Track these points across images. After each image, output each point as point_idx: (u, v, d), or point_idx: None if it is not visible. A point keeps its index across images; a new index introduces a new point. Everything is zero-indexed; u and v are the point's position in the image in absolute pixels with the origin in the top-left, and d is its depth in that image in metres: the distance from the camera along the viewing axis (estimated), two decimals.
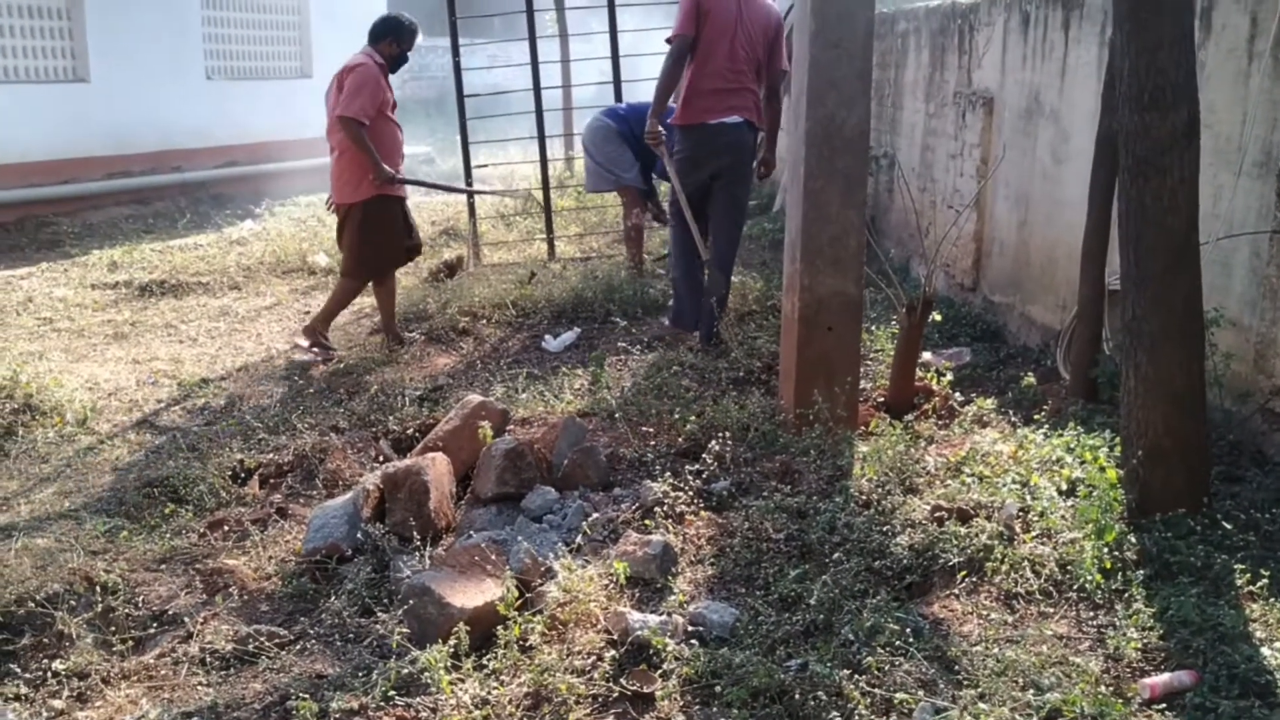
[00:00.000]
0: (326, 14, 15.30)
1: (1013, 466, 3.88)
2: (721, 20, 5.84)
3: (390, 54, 6.35)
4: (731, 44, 5.86)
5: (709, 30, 5.85)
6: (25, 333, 7.04)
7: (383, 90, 6.20)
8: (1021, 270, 5.99)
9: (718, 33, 5.84)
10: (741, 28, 5.87)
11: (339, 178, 6.27)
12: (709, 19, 5.83)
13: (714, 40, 5.85)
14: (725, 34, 5.84)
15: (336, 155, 6.25)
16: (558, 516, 3.78)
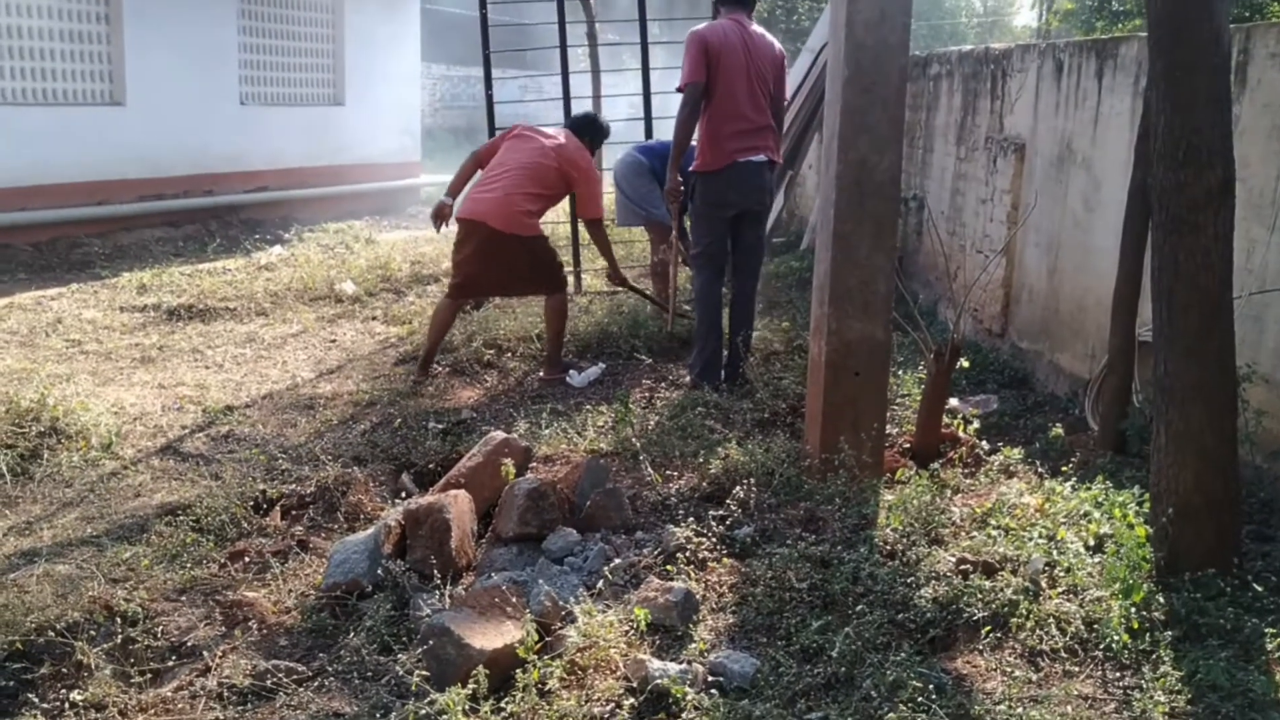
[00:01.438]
0: (361, 43, 15.46)
1: (1039, 519, 3.85)
2: (733, 61, 5.82)
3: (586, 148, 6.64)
4: (748, 83, 5.85)
5: (723, 73, 5.83)
6: (54, 354, 7.09)
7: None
8: (1051, 318, 5.96)
9: (732, 74, 5.83)
10: (752, 65, 5.86)
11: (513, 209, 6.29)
12: (720, 62, 5.82)
13: (730, 82, 5.83)
14: (740, 75, 5.83)
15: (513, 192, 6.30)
16: (579, 559, 3.76)
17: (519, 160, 6.38)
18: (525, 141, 6.49)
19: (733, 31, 5.87)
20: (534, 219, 6.41)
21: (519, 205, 6.28)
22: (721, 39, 5.83)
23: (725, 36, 5.84)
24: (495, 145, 6.61)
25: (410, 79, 17.00)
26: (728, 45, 5.82)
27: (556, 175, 6.40)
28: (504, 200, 6.26)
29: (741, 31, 5.89)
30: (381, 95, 15.81)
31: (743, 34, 5.88)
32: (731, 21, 5.94)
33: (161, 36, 12.10)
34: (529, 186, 6.33)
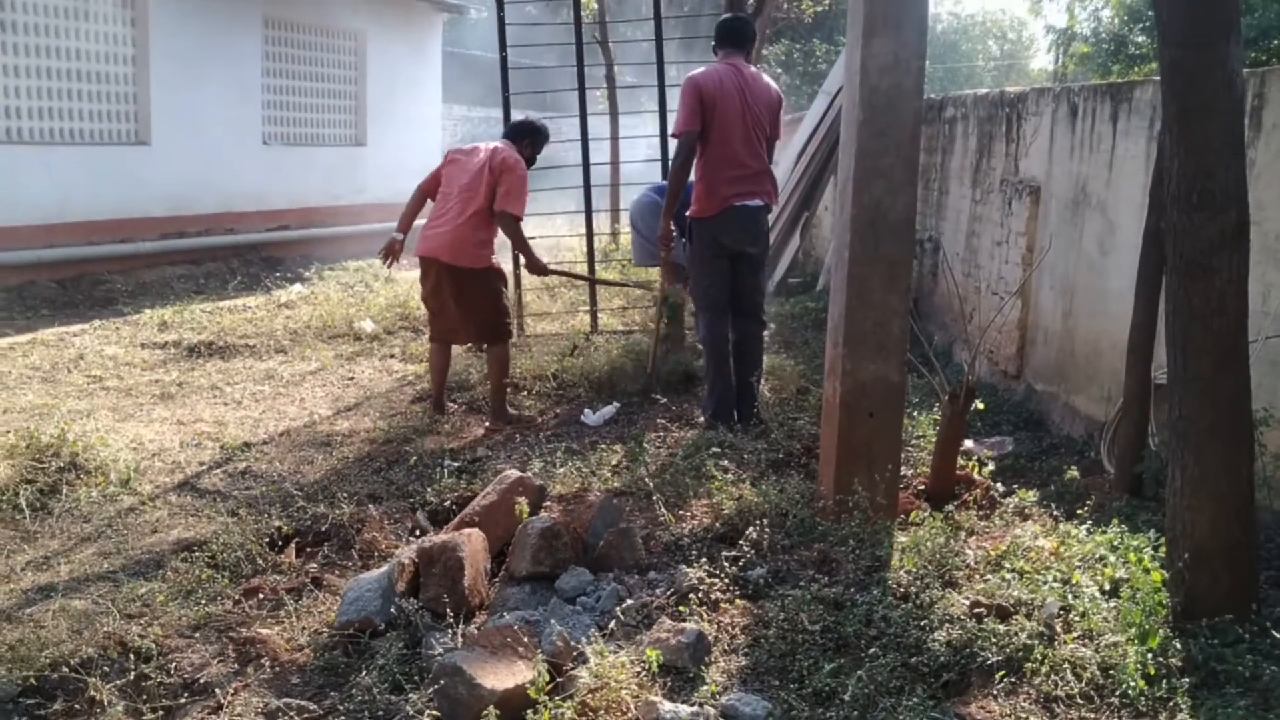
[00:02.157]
0: (383, 85, 15.66)
1: (1054, 563, 3.82)
2: (728, 107, 5.83)
3: (525, 155, 6.54)
4: (744, 129, 5.86)
5: (719, 120, 5.84)
6: (75, 390, 7.15)
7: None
8: (1066, 360, 5.95)
9: (728, 120, 5.84)
10: (749, 111, 5.87)
11: (463, 241, 6.29)
12: (716, 109, 5.83)
13: (726, 128, 5.84)
14: (736, 120, 5.84)
15: (460, 221, 6.29)
16: (591, 599, 3.75)
17: (459, 185, 6.36)
18: (461, 165, 6.44)
19: (729, 77, 5.89)
20: (485, 248, 6.37)
21: (467, 236, 6.27)
22: (717, 85, 5.84)
23: (721, 82, 5.86)
24: (437, 175, 6.56)
25: (431, 120, 17.18)
26: (723, 91, 5.83)
27: (488, 185, 6.31)
28: (454, 233, 6.27)
29: (738, 76, 5.91)
30: (403, 136, 15.97)
31: (739, 79, 5.90)
32: (728, 66, 5.96)
33: (186, 77, 12.28)
34: (471, 208, 6.28)
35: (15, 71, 10.73)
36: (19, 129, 10.82)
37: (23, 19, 10.77)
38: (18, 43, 10.76)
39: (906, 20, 4.35)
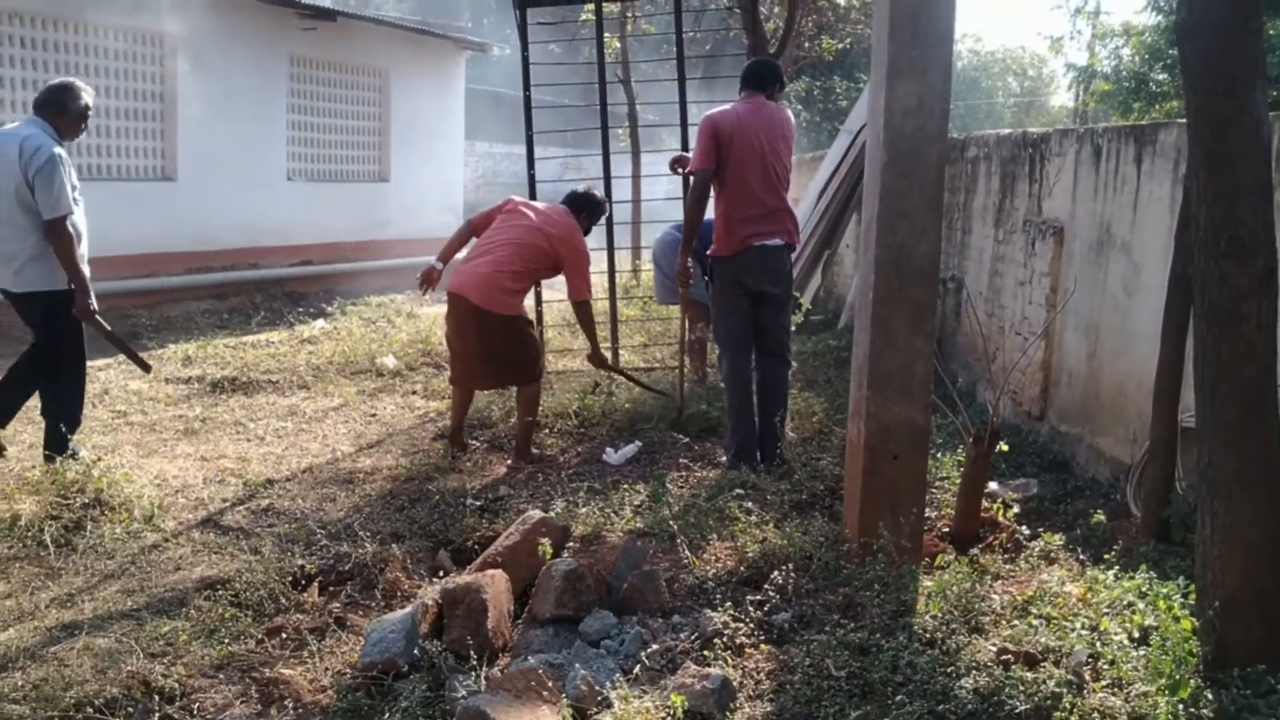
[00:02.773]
0: (407, 122, 15.81)
1: (1082, 609, 3.79)
2: (745, 144, 5.83)
3: (581, 227, 6.60)
4: (762, 165, 5.86)
5: (735, 157, 5.84)
6: (100, 425, 7.19)
7: None
8: (1091, 401, 5.92)
9: (745, 157, 5.84)
10: (768, 146, 5.88)
11: (495, 288, 6.22)
12: (732, 146, 5.83)
13: (742, 166, 5.84)
14: (753, 159, 5.85)
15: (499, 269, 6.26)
16: (615, 642, 3.74)
17: (510, 237, 6.35)
18: (518, 217, 6.45)
19: (747, 115, 5.91)
20: (516, 298, 6.33)
21: (502, 283, 6.22)
22: (734, 123, 5.86)
23: (739, 121, 5.87)
24: (490, 216, 6.58)
25: (454, 157, 17.32)
26: (740, 129, 5.85)
27: (546, 255, 6.35)
28: (488, 277, 6.22)
29: (757, 114, 5.92)
30: (426, 173, 16.11)
31: (758, 117, 5.91)
32: (747, 104, 5.99)
33: (213, 114, 12.42)
34: (515, 264, 6.27)
35: None
36: None
37: (53, 58, 10.94)
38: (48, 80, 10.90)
39: (931, 64, 4.37)
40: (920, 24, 4.33)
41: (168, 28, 11.93)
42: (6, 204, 5.83)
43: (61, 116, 6.00)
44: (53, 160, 5.77)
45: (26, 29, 10.68)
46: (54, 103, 5.99)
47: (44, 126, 5.92)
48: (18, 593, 4.54)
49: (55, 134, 5.95)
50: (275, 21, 13.18)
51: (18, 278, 5.95)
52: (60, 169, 5.79)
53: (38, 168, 5.72)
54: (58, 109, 5.99)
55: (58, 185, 5.78)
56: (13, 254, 5.92)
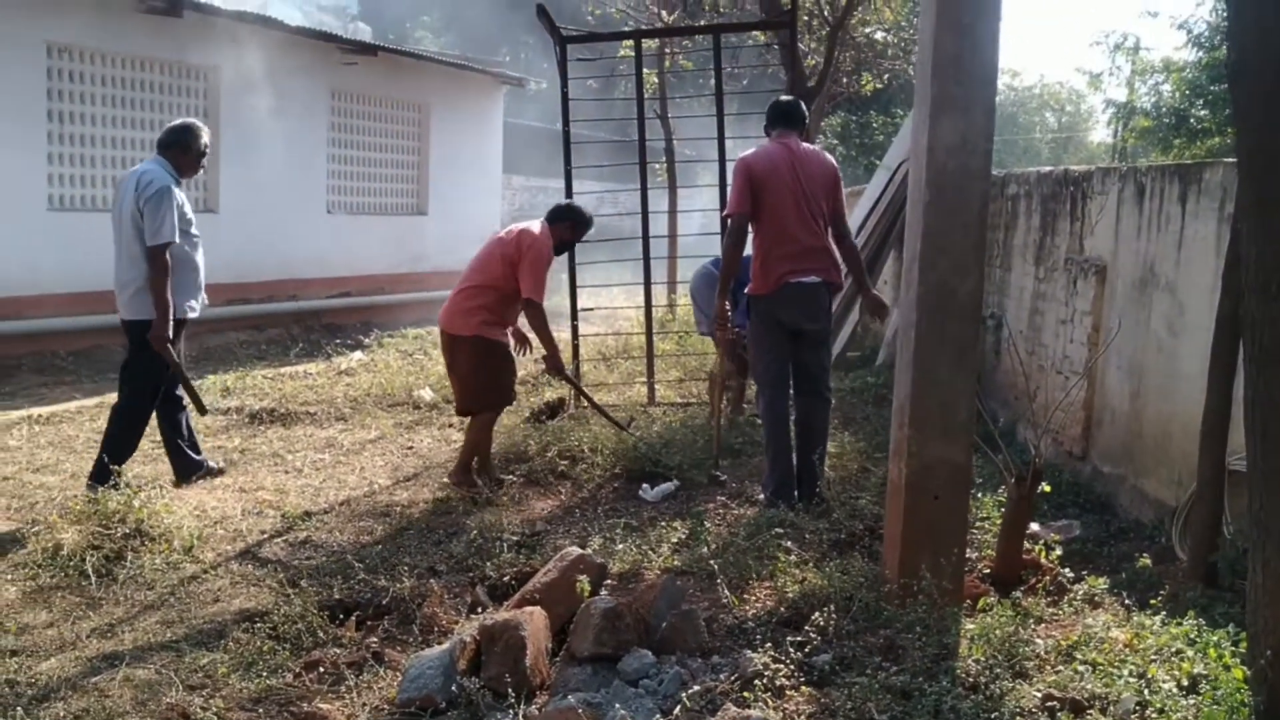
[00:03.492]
0: (444, 156, 15.95)
1: (1129, 655, 3.72)
2: (778, 185, 5.86)
3: (563, 238, 6.60)
4: (797, 206, 5.87)
5: (769, 198, 5.87)
6: (141, 455, 7.22)
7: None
8: (1134, 441, 5.85)
9: (779, 198, 5.86)
10: (802, 186, 5.88)
11: (456, 308, 6.41)
12: (765, 188, 5.87)
13: (777, 206, 5.87)
14: (787, 198, 5.86)
15: (460, 289, 6.44)
16: (654, 681, 3.71)
17: (475, 258, 6.49)
18: (489, 241, 6.56)
19: (779, 155, 5.94)
20: (474, 316, 6.32)
21: (461, 303, 6.36)
22: (767, 165, 5.90)
23: (771, 161, 5.91)
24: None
25: (491, 191, 17.44)
26: (773, 170, 5.88)
27: (501, 263, 6.34)
28: (451, 299, 6.43)
29: (789, 154, 5.94)
30: (463, 206, 16.23)
31: (791, 156, 5.93)
32: (779, 145, 6.01)
33: (255, 146, 12.58)
34: (472, 280, 6.38)
35: (90, 141, 11.06)
36: (92, 197, 11.14)
37: (100, 91, 11.13)
38: (94, 114, 11.10)
39: (974, 102, 4.36)
40: (964, 62, 4.32)
41: (213, 61, 12.12)
42: (126, 235, 6.25)
43: (184, 155, 6.42)
44: (161, 192, 6.13)
45: (76, 62, 10.87)
46: (177, 143, 6.40)
47: (164, 164, 6.34)
48: (59, 622, 4.57)
49: (175, 172, 6.36)
50: (318, 56, 13.36)
51: (130, 305, 6.33)
52: (169, 201, 6.14)
53: (148, 197, 6.10)
54: (181, 149, 6.41)
55: (162, 214, 6.11)
56: (127, 282, 6.30)
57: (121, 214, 6.25)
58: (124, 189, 6.30)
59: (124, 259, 6.31)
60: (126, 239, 6.25)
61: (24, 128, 10.32)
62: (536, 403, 8.52)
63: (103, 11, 10.78)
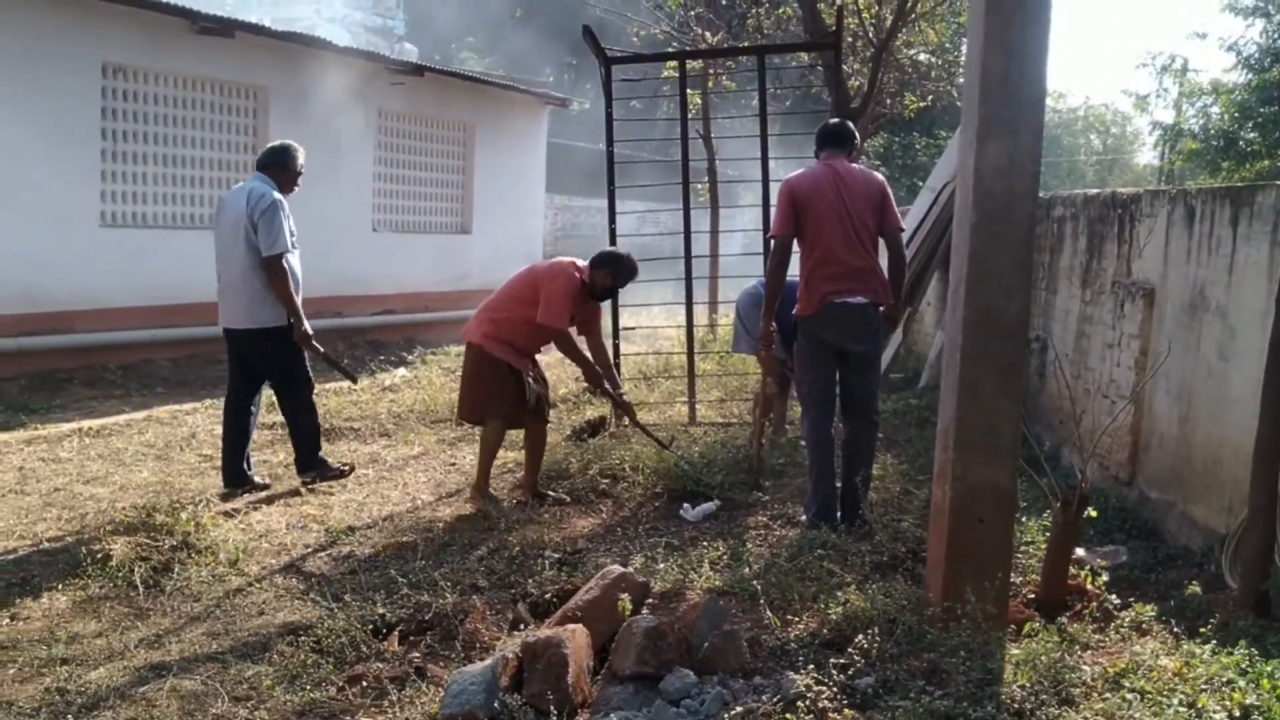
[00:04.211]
0: (489, 175, 16.06)
1: (1178, 684, 3.67)
2: (821, 206, 5.86)
3: (601, 284, 6.62)
4: (841, 225, 5.85)
5: (812, 220, 5.87)
6: (187, 469, 7.35)
7: (573, 307, 6.49)
8: (1183, 467, 5.78)
9: (822, 219, 5.86)
10: (846, 206, 5.86)
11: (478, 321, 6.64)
12: (808, 210, 5.87)
13: (820, 227, 5.87)
14: (830, 218, 5.85)
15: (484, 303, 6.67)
16: (696, 701, 3.70)
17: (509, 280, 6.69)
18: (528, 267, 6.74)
19: (824, 176, 5.94)
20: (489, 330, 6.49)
21: (482, 316, 6.59)
22: (810, 187, 5.90)
23: (815, 183, 5.92)
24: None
25: (535, 210, 17.55)
26: (817, 191, 5.88)
27: (527, 287, 6.50)
28: (476, 315, 6.68)
29: (834, 175, 5.94)
30: (507, 225, 16.34)
31: (835, 177, 5.92)
32: (824, 166, 6.02)
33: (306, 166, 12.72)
34: (497, 296, 6.62)
35: (142, 159, 11.25)
36: (143, 214, 11.32)
37: (152, 110, 11.32)
38: (147, 132, 11.29)
39: (1022, 124, 4.35)
40: (1011, 84, 4.31)
41: (263, 81, 12.29)
42: (237, 249, 6.67)
43: (283, 174, 6.89)
44: (274, 205, 6.62)
45: (129, 82, 11.07)
46: (276, 162, 6.89)
47: (267, 181, 6.80)
48: (108, 632, 4.63)
49: (276, 188, 6.79)
50: (365, 76, 13.51)
51: (245, 316, 6.79)
52: (280, 214, 6.64)
53: (260, 211, 6.57)
54: (280, 167, 6.89)
55: (277, 226, 6.60)
56: (240, 294, 6.75)
57: (232, 229, 6.66)
58: (230, 206, 6.73)
59: (234, 272, 6.72)
60: (237, 252, 6.65)
61: (79, 146, 10.52)
62: (578, 420, 8.54)
63: (157, 32, 10.98)
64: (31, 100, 9.96)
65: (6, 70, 9.76)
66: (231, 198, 6.81)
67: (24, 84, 9.90)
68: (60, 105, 10.27)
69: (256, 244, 6.60)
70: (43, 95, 10.07)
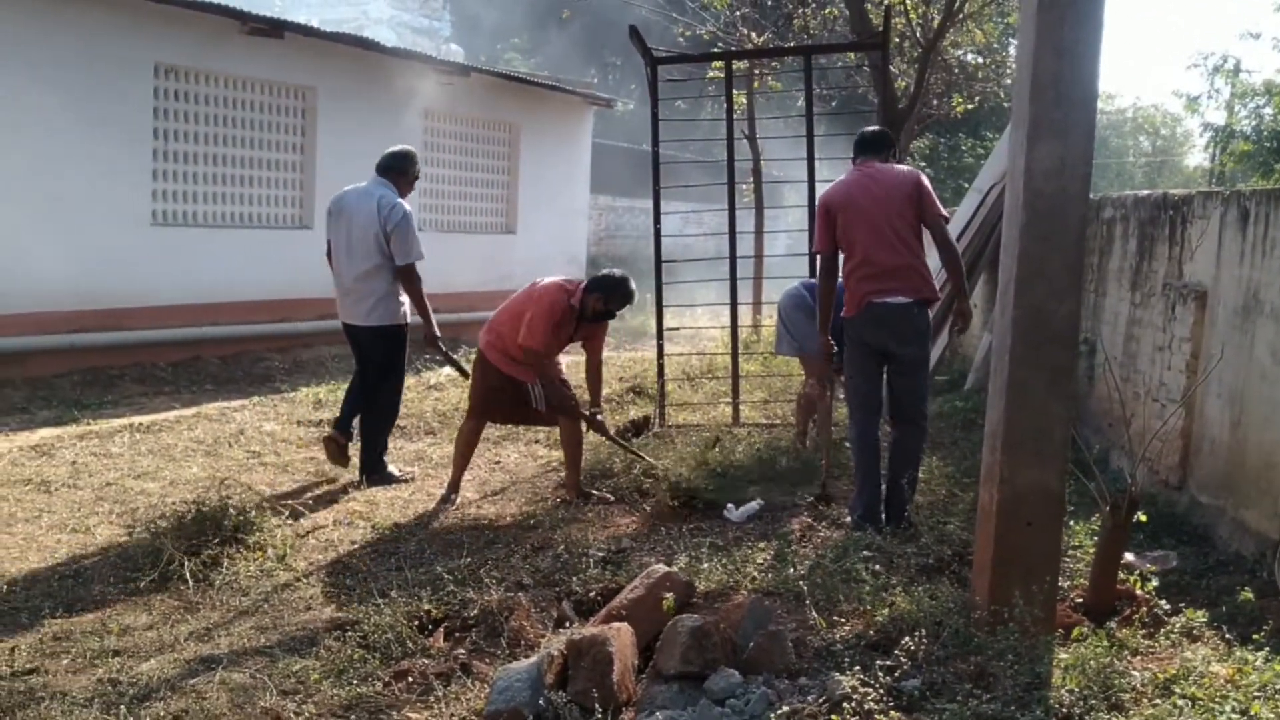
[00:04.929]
0: (533, 176, 16.12)
1: (1230, 691, 3.62)
2: (854, 212, 5.89)
3: (592, 307, 6.64)
4: (874, 226, 5.85)
5: (846, 226, 5.93)
6: (236, 464, 7.43)
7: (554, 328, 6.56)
8: (1235, 472, 5.70)
9: (856, 223, 5.89)
10: (878, 207, 5.86)
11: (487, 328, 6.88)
12: (841, 217, 5.93)
13: (854, 233, 5.91)
14: (863, 221, 5.87)
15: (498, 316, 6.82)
16: (740, 701, 3.69)
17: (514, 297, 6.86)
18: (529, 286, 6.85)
19: (854, 183, 5.99)
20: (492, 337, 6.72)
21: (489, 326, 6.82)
22: (842, 196, 5.97)
23: (846, 191, 5.98)
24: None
25: (579, 210, 17.59)
26: (848, 198, 5.94)
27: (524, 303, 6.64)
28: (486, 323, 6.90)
29: (865, 178, 5.97)
30: (551, 225, 16.38)
31: (866, 180, 5.96)
32: (856, 172, 6.07)
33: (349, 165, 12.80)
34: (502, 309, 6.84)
35: (191, 159, 11.39)
36: (192, 212, 11.46)
37: (202, 110, 11.47)
38: (197, 132, 11.44)
39: (1073, 125, 4.30)
40: (1063, 85, 4.27)
41: (311, 82, 12.41)
42: (363, 253, 6.99)
43: (402, 178, 7.18)
44: (407, 216, 6.98)
45: (180, 82, 11.22)
46: (396, 167, 7.20)
47: (389, 186, 7.08)
48: (159, 625, 4.70)
49: (397, 193, 7.08)
50: (412, 76, 13.60)
51: (368, 314, 7.10)
52: (412, 223, 7.02)
53: (395, 222, 6.90)
54: (399, 172, 7.19)
55: (411, 236, 6.98)
56: (366, 293, 7.06)
57: (360, 233, 6.96)
58: (355, 210, 7.01)
59: (359, 271, 7.02)
60: (364, 252, 6.96)
61: (131, 145, 10.67)
62: (622, 421, 8.55)
63: (208, 33, 11.11)
64: (86, 100, 10.12)
65: (63, 71, 9.93)
66: (354, 200, 7.06)
67: (80, 85, 10.06)
68: (114, 105, 10.42)
69: (389, 252, 6.93)
70: (97, 95, 10.23)
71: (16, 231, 9.64)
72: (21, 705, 3.87)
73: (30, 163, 9.73)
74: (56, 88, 9.86)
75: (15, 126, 9.59)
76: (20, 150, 9.65)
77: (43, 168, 9.82)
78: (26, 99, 9.64)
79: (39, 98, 9.70)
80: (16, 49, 9.57)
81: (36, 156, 9.77)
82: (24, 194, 9.70)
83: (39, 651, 4.39)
